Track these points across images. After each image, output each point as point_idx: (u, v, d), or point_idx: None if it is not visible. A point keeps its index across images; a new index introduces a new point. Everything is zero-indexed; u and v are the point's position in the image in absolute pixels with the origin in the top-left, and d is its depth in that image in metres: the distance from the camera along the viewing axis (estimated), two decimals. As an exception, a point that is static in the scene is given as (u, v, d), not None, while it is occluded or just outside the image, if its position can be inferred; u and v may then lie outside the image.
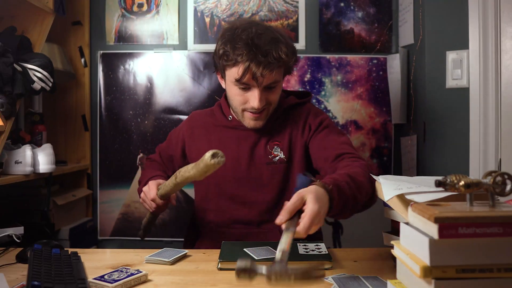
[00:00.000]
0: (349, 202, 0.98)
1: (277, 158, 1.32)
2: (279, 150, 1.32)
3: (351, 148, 1.26)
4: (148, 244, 2.07)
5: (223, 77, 1.31)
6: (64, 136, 2.16)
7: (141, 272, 0.93)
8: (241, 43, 1.19)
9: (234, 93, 1.27)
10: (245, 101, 1.26)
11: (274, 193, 1.31)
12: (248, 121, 1.30)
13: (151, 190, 1.22)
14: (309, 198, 0.85)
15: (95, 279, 0.88)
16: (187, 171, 1.09)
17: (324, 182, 0.94)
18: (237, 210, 1.32)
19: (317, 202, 0.85)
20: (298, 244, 1.11)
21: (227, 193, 1.33)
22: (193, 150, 1.39)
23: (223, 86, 1.35)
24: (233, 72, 1.23)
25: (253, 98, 1.23)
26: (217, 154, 1.00)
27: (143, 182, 1.34)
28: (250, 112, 1.27)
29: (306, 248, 1.08)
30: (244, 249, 1.07)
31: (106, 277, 0.89)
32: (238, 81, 1.22)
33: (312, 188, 0.89)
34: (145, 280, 0.92)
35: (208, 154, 1.00)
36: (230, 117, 1.37)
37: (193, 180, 1.14)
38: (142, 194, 1.28)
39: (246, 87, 1.24)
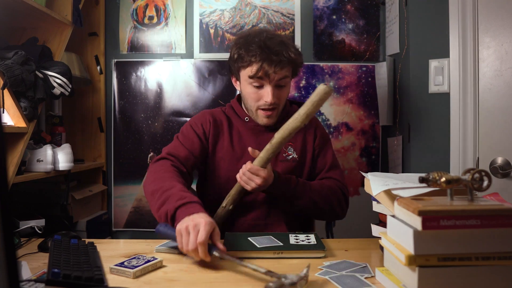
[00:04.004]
0: (290, 193, 1.19)
1: (290, 157, 1.33)
2: (292, 150, 1.34)
3: (338, 173, 1.35)
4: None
5: (238, 79, 1.32)
6: (81, 136, 2.16)
7: (156, 259, 0.93)
8: (254, 45, 1.23)
9: (248, 92, 1.29)
10: (259, 98, 1.27)
11: None
12: (262, 118, 1.31)
13: (204, 230, 0.88)
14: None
15: (116, 265, 0.88)
16: (293, 120, 1.13)
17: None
18: (247, 203, 1.29)
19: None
20: (290, 235, 1.10)
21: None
22: (215, 144, 1.32)
23: (238, 88, 1.36)
24: (248, 71, 1.25)
25: (266, 94, 1.25)
26: (326, 84, 1.09)
27: (172, 197, 1.03)
28: (263, 110, 1.28)
29: (297, 239, 1.07)
30: (248, 238, 1.07)
31: (126, 263, 0.89)
32: (252, 77, 1.24)
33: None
34: (160, 266, 0.93)
35: (321, 86, 1.08)
36: (246, 119, 1.36)
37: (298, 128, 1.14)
38: (181, 226, 0.91)
39: (259, 85, 1.26)
